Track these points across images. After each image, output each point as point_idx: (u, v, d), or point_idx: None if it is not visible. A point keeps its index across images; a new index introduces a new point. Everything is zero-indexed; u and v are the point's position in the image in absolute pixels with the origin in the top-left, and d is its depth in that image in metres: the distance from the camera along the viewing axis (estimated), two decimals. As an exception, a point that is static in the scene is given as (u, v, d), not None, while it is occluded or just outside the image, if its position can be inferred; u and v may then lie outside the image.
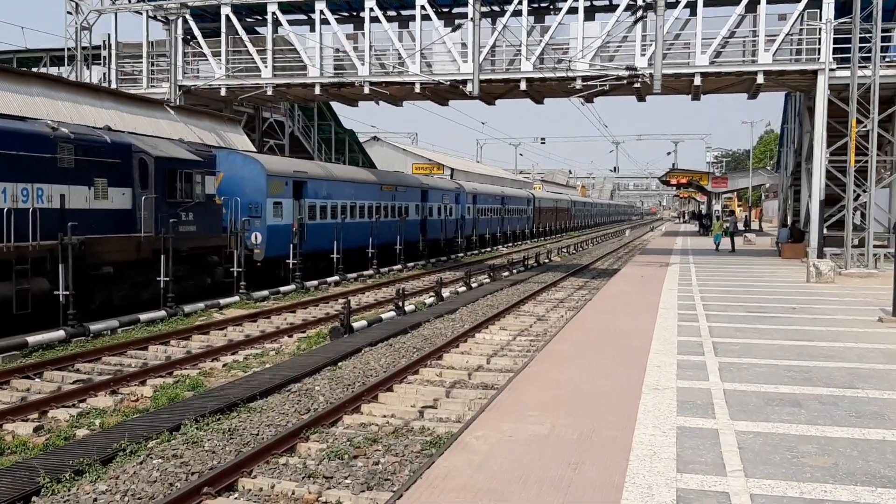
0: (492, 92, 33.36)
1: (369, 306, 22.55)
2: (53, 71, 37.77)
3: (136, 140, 20.68)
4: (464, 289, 26.09)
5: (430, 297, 23.26)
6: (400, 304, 19.88)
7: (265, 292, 23.25)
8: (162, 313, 18.67)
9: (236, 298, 21.80)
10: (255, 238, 25.29)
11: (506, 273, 32.06)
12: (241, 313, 20.28)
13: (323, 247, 28.32)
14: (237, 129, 31.73)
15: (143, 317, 18.05)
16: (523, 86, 30.52)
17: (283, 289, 24.28)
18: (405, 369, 13.63)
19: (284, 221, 25.97)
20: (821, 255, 25.48)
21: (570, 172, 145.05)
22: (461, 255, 42.79)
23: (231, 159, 25.61)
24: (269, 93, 32.87)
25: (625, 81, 26.35)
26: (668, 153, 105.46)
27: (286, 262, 25.45)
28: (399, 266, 33.50)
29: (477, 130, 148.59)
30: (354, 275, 29.20)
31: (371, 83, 31.84)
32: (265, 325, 19.23)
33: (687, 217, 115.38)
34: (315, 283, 26.23)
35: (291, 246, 25.09)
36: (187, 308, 19.54)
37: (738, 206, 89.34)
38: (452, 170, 60.30)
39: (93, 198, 18.90)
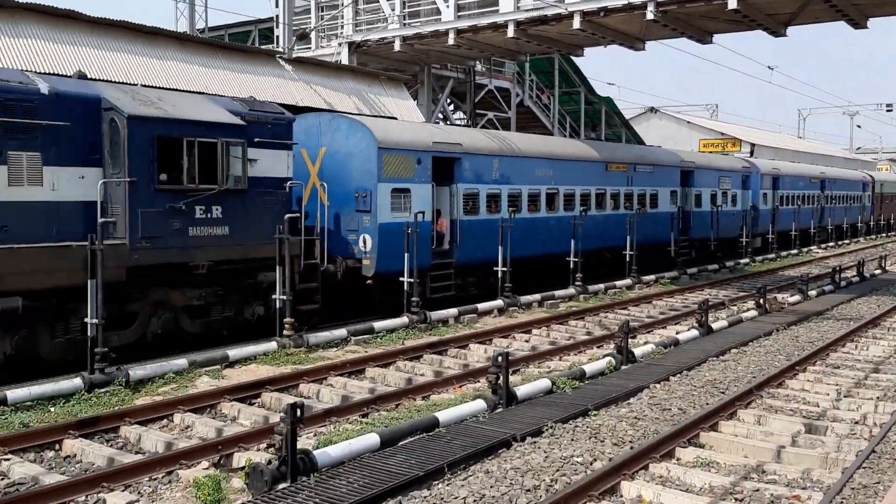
0: (776, 11, 21.40)
1: (526, 359, 13.06)
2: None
3: (113, 91, 13.07)
4: (692, 333, 15.17)
5: (608, 354, 12.90)
6: (498, 380, 9.99)
7: (342, 331, 14.54)
8: (77, 383, 10.71)
9: (272, 346, 13.35)
10: (363, 243, 16.73)
11: (794, 298, 20.08)
12: (261, 376, 11.83)
13: (489, 255, 18.92)
14: (400, 91, 23.45)
15: None
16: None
17: (385, 325, 15.37)
18: None
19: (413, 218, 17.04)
20: None
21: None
22: (745, 261, 30.51)
23: (335, 127, 17.29)
24: (451, 41, 24.16)
25: None
26: None
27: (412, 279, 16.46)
28: (628, 281, 22.90)
29: (804, 95, 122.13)
30: (538, 297, 19.38)
31: (584, 13, 21.73)
32: (260, 410, 10.56)
33: None
34: (454, 311, 16.97)
35: (406, 256, 16.05)
36: (138, 371, 11.40)
37: None
38: (753, 146, 46.86)
39: (4, 183, 11.56)
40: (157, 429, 9.65)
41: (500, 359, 10.02)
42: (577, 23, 21.77)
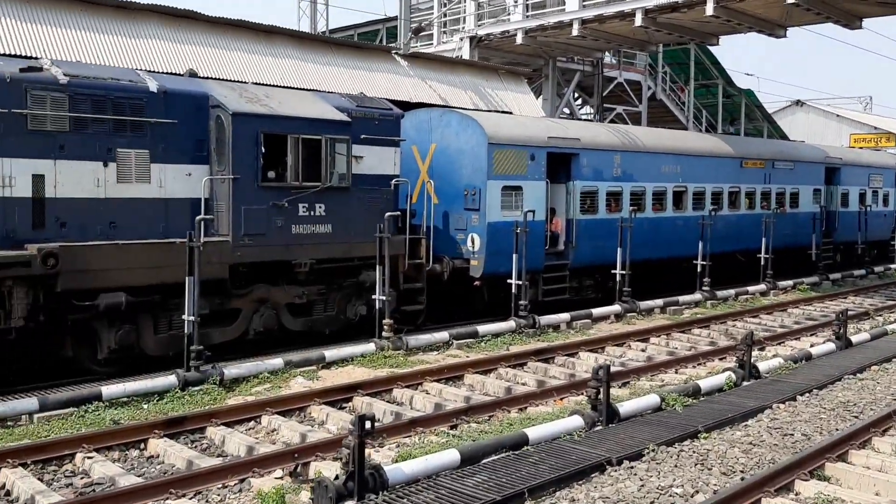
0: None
1: (638, 370, 12.30)
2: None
3: (220, 89, 13.12)
4: (828, 346, 13.73)
5: (728, 368, 11.78)
6: (598, 394, 9.19)
7: (444, 335, 14.08)
8: (172, 381, 10.75)
9: (370, 347, 13.05)
10: (471, 242, 16.22)
11: (953, 309, 17.99)
12: (356, 379, 11.56)
13: (608, 257, 17.96)
14: (519, 85, 22.74)
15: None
16: None
17: (490, 329, 14.80)
18: None
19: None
20: None
21: None
22: (898, 266, 27.92)
23: (445, 122, 16.85)
24: (576, 32, 23.26)
25: None
26: None
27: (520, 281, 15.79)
28: (762, 286, 21.28)
29: None
30: (660, 302, 18.23)
31: (717, -4, 20.33)
32: (348, 415, 10.25)
33: None
34: (566, 316, 16.17)
35: (514, 257, 15.38)
36: (233, 370, 11.33)
37: None
38: (911, 141, 42.92)
39: (113, 180, 11.80)
40: (242, 431, 9.50)
41: (600, 372, 9.23)
42: (710, 9, 20.40)
